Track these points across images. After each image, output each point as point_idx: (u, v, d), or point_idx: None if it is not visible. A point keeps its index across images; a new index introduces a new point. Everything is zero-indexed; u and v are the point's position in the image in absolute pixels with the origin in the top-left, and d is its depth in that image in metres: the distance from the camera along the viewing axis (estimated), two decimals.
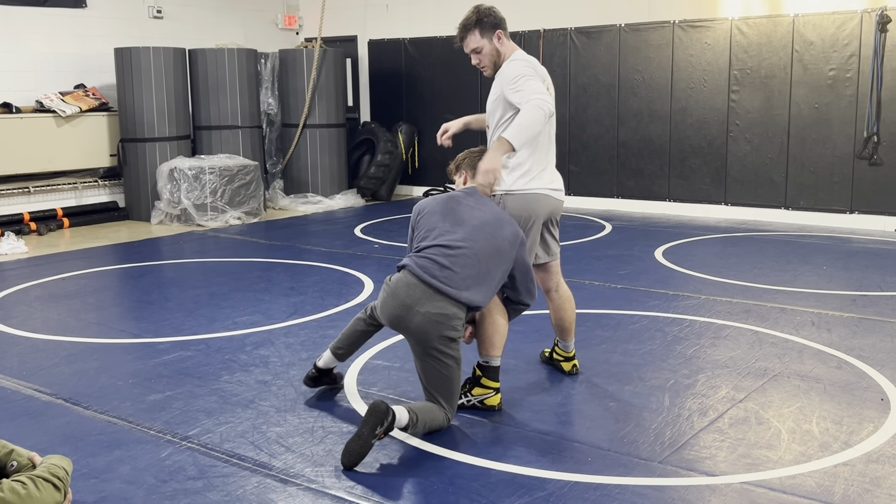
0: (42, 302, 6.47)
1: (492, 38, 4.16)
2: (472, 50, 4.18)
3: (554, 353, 4.70)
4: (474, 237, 3.83)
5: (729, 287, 6.54)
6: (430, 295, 3.74)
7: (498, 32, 4.17)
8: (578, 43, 10.72)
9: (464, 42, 4.22)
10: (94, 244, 8.90)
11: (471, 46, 4.18)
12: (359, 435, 3.49)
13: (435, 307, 3.72)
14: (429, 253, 3.84)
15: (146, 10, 11.22)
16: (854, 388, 4.37)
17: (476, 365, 4.13)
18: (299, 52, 11.43)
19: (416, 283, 3.77)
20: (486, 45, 4.16)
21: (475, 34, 4.17)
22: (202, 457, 3.66)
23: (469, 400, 4.08)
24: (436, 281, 3.75)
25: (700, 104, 10.02)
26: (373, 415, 3.49)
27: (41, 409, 4.27)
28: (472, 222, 3.87)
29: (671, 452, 3.64)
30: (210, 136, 10.86)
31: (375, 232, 9.34)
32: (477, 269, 3.79)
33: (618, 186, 10.75)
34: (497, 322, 4.05)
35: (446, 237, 3.84)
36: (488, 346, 4.06)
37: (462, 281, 3.76)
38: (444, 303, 3.73)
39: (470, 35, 4.18)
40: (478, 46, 4.17)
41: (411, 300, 3.75)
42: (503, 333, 4.07)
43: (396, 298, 3.81)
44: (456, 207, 3.95)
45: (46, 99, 9.90)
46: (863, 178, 9.14)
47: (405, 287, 3.79)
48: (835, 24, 9.09)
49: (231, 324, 5.75)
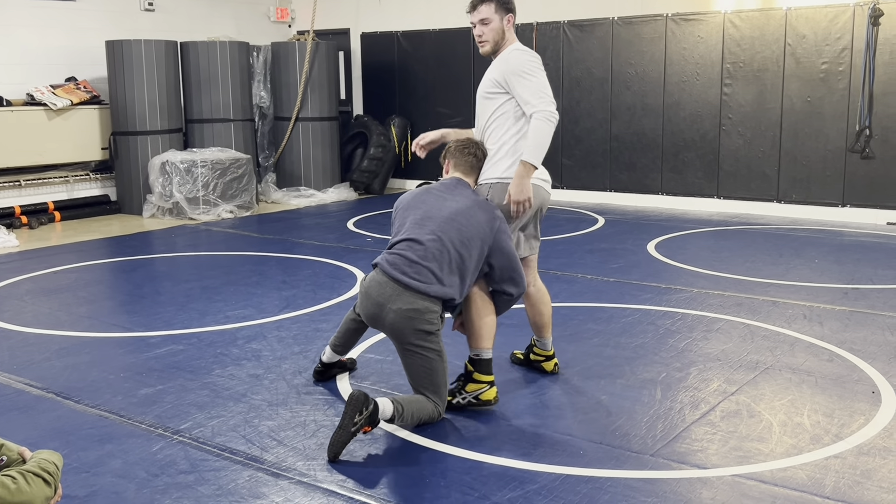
0: (33, 296, 6.45)
1: (503, 17, 4.15)
2: (482, 20, 4.15)
3: (532, 354, 4.58)
4: (444, 229, 3.81)
5: (721, 280, 6.55)
6: (399, 292, 3.75)
7: (509, 16, 4.18)
8: (571, 36, 10.71)
9: (477, 9, 4.17)
10: (86, 238, 8.87)
11: (482, 15, 4.15)
12: (340, 426, 3.50)
13: (406, 303, 3.73)
14: (398, 248, 3.85)
15: (138, 3, 11.17)
16: (845, 380, 4.39)
17: (467, 360, 4.07)
18: (292, 44, 11.39)
19: (387, 281, 3.79)
20: (496, 20, 4.14)
21: (490, 5, 4.14)
22: (194, 451, 3.65)
23: (464, 397, 4.00)
24: (404, 277, 3.75)
25: (693, 98, 10.02)
26: (351, 403, 3.50)
27: (32, 403, 4.25)
28: (443, 213, 3.86)
29: (663, 445, 3.65)
30: (202, 129, 10.82)
31: (368, 225, 9.33)
32: (447, 262, 3.77)
33: (611, 180, 10.75)
34: (482, 313, 3.99)
35: (415, 231, 3.85)
36: (477, 339, 4.00)
37: (431, 275, 3.75)
38: (415, 298, 3.73)
39: (485, 4, 4.15)
40: (487, 18, 4.14)
41: (383, 298, 3.78)
42: (491, 325, 4.01)
43: (369, 298, 3.85)
44: (428, 200, 3.95)
45: (37, 92, 9.85)
46: (855, 171, 9.16)
47: (377, 286, 3.83)
48: (827, 18, 9.10)
49: (223, 317, 5.73)
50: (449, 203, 3.90)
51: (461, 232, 3.81)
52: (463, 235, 3.81)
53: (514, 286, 3.98)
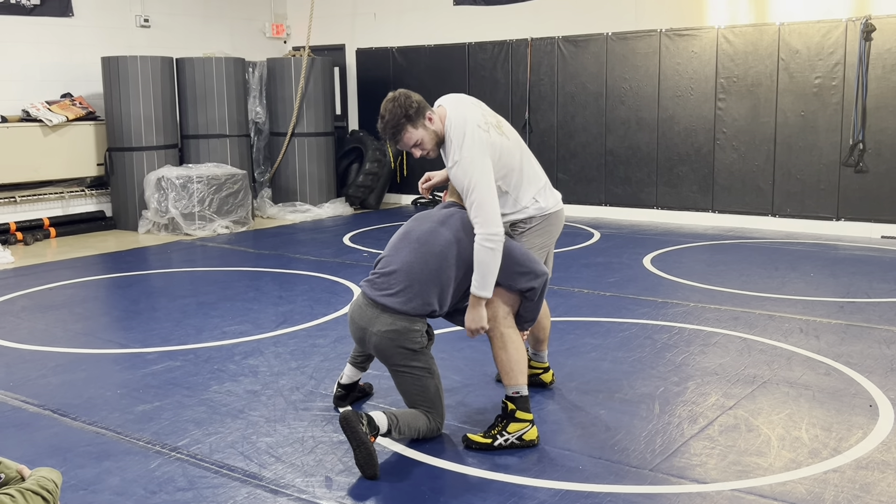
0: (29, 312, 6.43)
1: (425, 125, 3.80)
2: (413, 145, 3.83)
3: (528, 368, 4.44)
4: (414, 247, 3.80)
5: (717, 294, 6.56)
6: (377, 314, 3.77)
7: (427, 114, 3.80)
8: (566, 51, 10.76)
9: (399, 143, 3.83)
10: (81, 254, 8.85)
11: (411, 143, 3.82)
12: (356, 447, 3.49)
13: (385, 325, 3.74)
14: (377, 269, 3.90)
15: (133, 19, 11.20)
16: (843, 394, 4.39)
17: (504, 399, 3.86)
18: (287, 60, 11.42)
19: (367, 304, 3.82)
20: (423, 134, 3.81)
21: (409, 130, 3.79)
22: (191, 467, 3.64)
23: (507, 439, 3.77)
24: (382, 298, 3.76)
25: (687, 112, 10.07)
26: (349, 423, 3.49)
27: (29, 420, 4.23)
28: (412, 236, 3.86)
29: (662, 460, 3.65)
30: (198, 144, 10.83)
31: (364, 240, 9.33)
32: (418, 280, 3.74)
33: (606, 194, 10.78)
34: (509, 349, 3.84)
35: (391, 252, 3.88)
36: (509, 377, 3.86)
37: (407, 293, 3.73)
38: (394, 318, 3.74)
39: (405, 133, 3.79)
40: (418, 140, 3.81)
41: (364, 322, 3.81)
42: (519, 359, 3.86)
43: (354, 322, 3.89)
44: (412, 223, 3.97)
45: (33, 108, 9.85)
46: (849, 185, 9.20)
47: (358, 309, 3.87)
48: (820, 33, 9.16)
49: (220, 333, 5.72)
50: (419, 227, 3.90)
51: (425, 253, 3.78)
52: (428, 255, 3.77)
53: (529, 280, 3.81)
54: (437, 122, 3.83)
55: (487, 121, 3.90)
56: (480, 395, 4.47)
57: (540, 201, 4.07)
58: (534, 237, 4.09)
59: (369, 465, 3.49)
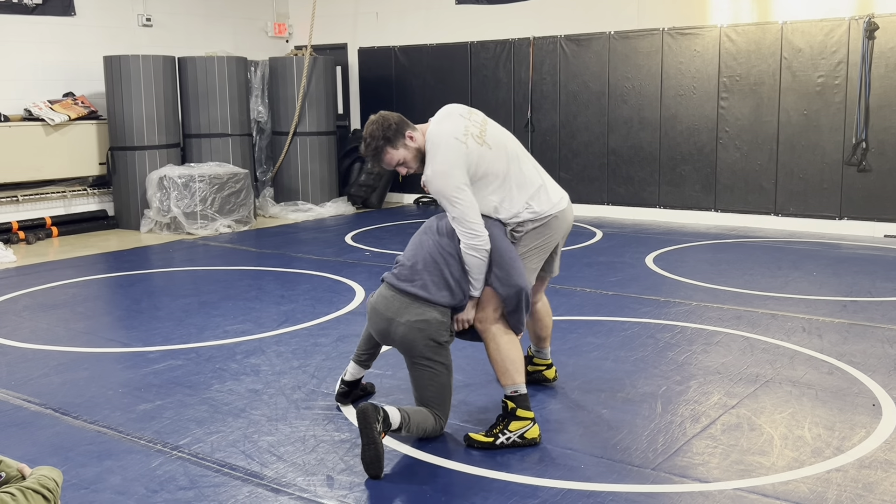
0: (31, 311, 6.43)
1: (406, 144, 3.87)
2: (397, 164, 3.91)
3: (530, 366, 4.50)
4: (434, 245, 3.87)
5: (720, 293, 6.55)
6: (407, 304, 3.78)
7: (407, 133, 3.87)
8: (568, 50, 10.74)
9: (382, 163, 3.92)
10: (84, 253, 8.85)
11: (393, 163, 3.90)
12: (366, 444, 3.48)
13: (415, 315, 3.75)
14: (399, 264, 3.93)
15: (135, 19, 11.20)
16: (845, 393, 4.38)
17: (504, 398, 3.87)
18: (289, 59, 11.42)
19: (394, 295, 3.82)
20: (405, 154, 3.88)
21: (388, 151, 3.87)
22: (193, 466, 3.64)
23: (508, 437, 3.78)
24: (412, 288, 3.78)
25: (690, 111, 10.05)
26: (365, 416, 3.48)
27: (30, 419, 4.23)
28: (431, 230, 3.95)
29: (664, 459, 3.64)
30: (200, 144, 10.83)
31: (366, 239, 9.33)
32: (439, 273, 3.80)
33: (608, 193, 10.77)
34: (503, 348, 3.85)
35: (407, 255, 3.94)
36: (505, 377, 3.86)
37: (434, 285, 3.78)
38: (423, 308, 3.75)
39: (386, 155, 3.88)
40: (399, 160, 3.89)
41: (391, 312, 3.80)
42: (514, 358, 3.86)
43: (377, 313, 3.87)
44: (427, 225, 4.04)
45: (35, 107, 9.86)
46: (852, 184, 9.18)
47: (383, 301, 3.86)
48: (823, 32, 9.14)
49: (221, 332, 5.72)
50: (443, 221, 3.95)
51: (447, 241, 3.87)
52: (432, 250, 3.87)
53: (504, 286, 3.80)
54: (420, 138, 3.90)
55: (469, 131, 3.89)
56: (482, 394, 4.46)
57: (534, 205, 4.02)
58: (529, 240, 4.08)
59: (375, 465, 3.48)
